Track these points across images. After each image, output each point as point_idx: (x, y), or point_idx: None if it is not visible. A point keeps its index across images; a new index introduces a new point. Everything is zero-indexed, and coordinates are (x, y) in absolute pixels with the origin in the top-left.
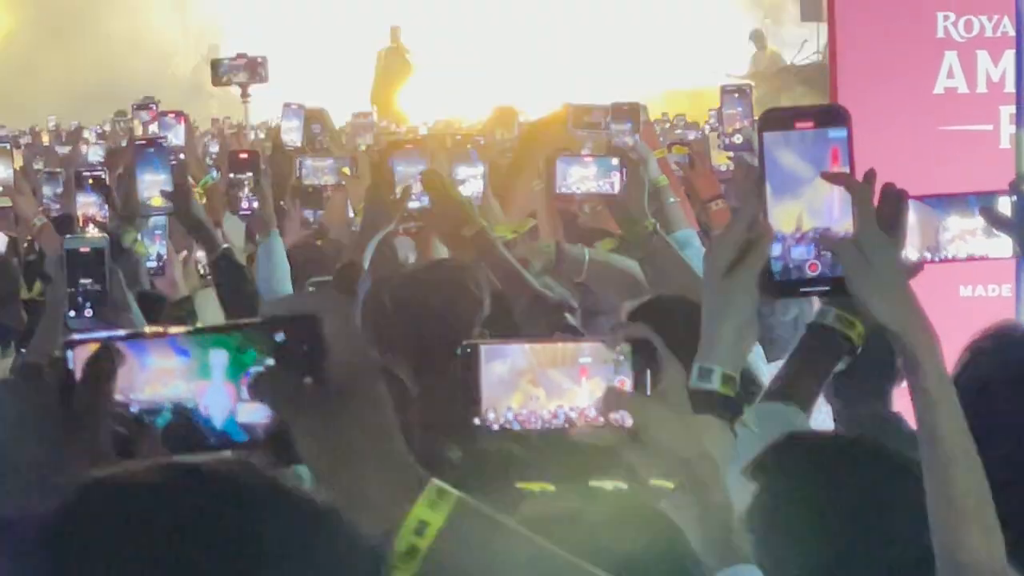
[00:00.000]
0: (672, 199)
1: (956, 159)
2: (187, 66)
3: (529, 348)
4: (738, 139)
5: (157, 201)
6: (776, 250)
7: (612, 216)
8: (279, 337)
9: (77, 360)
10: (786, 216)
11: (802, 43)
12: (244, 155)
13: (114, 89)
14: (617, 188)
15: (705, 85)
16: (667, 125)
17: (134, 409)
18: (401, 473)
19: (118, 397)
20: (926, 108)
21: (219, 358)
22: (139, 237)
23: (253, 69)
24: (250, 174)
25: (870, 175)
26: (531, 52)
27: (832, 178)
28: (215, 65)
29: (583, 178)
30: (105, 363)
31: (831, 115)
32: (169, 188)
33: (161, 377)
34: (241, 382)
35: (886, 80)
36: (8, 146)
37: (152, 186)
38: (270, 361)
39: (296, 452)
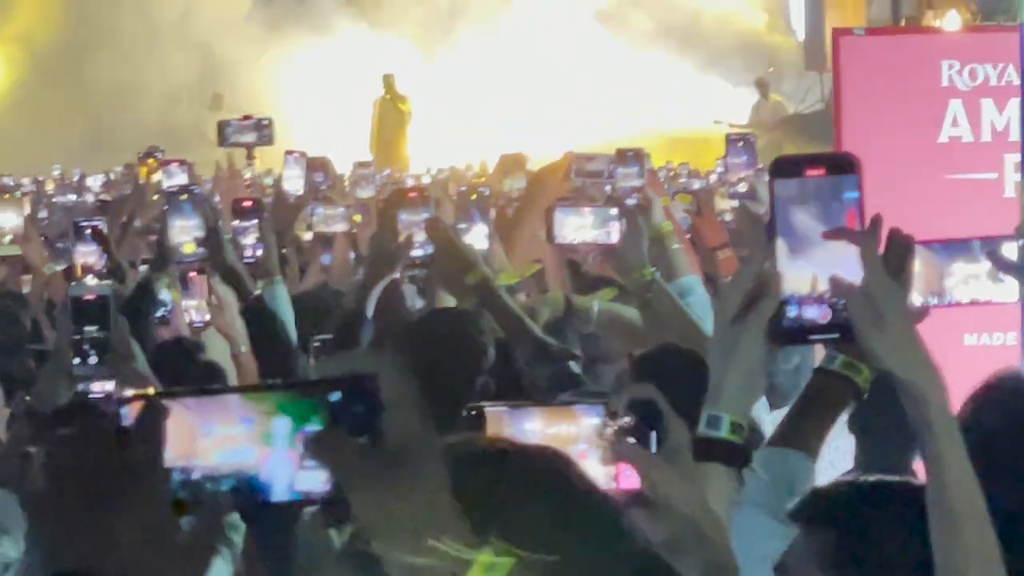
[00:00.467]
0: (675, 245)
1: (961, 207)
2: (191, 114)
3: (535, 422)
4: (742, 188)
5: (189, 248)
6: (784, 297)
7: (611, 265)
8: (334, 397)
9: (130, 416)
10: (795, 262)
11: (805, 92)
12: (247, 203)
13: (117, 136)
14: (615, 238)
15: (709, 133)
16: (671, 173)
17: (196, 476)
18: (455, 538)
19: (180, 463)
20: (931, 157)
21: (282, 425)
22: (174, 284)
23: (259, 131)
24: (255, 221)
25: (876, 221)
26: (533, 98)
27: (835, 233)
28: (221, 127)
29: (581, 227)
30: (159, 419)
31: (842, 162)
32: (201, 235)
33: (224, 444)
34: (298, 439)
35: (891, 129)
36: (19, 194)
37: (184, 233)
38: (326, 422)
39: (352, 512)
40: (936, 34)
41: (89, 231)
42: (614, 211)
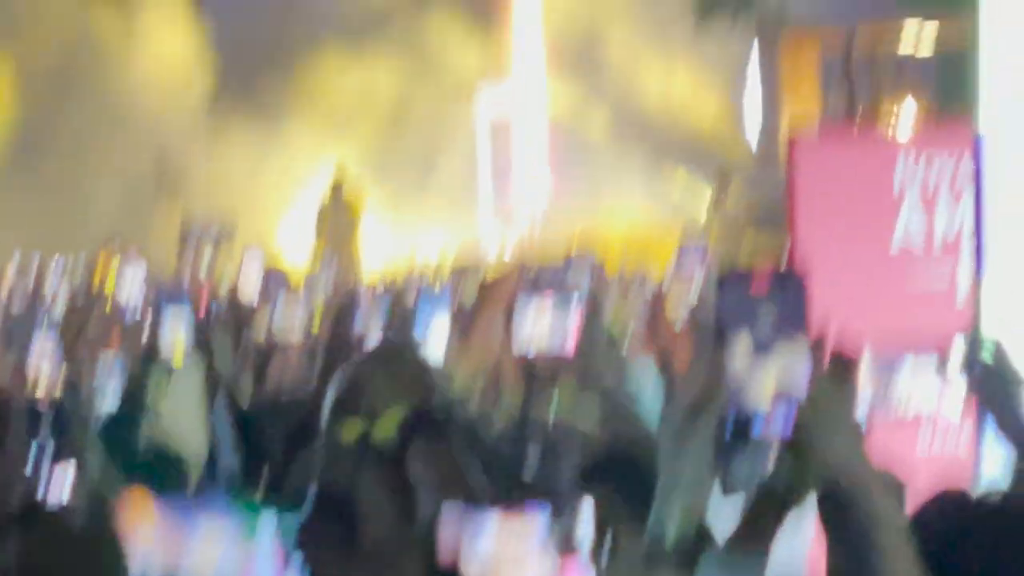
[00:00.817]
0: (625, 341)
1: (915, 315)
2: (148, 207)
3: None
4: (694, 296)
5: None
6: (733, 404)
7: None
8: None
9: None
10: (743, 368)
11: (762, 183)
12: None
13: (76, 231)
14: (570, 345)
15: (666, 234)
16: (625, 277)
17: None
18: None
19: (162, 563)
20: (884, 263)
21: (266, 520)
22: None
23: (221, 231)
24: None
25: (821, 332)
26: (483, 195)
27: (784, 340)
28: (184, 226)
29: (537, 337)
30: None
31: (789, 277)
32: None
33: (207, 542)
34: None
35: (844, 235)
36: None
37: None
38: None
39: None
40: (889, 140)
41: (45, 336)
42: (575, 295)
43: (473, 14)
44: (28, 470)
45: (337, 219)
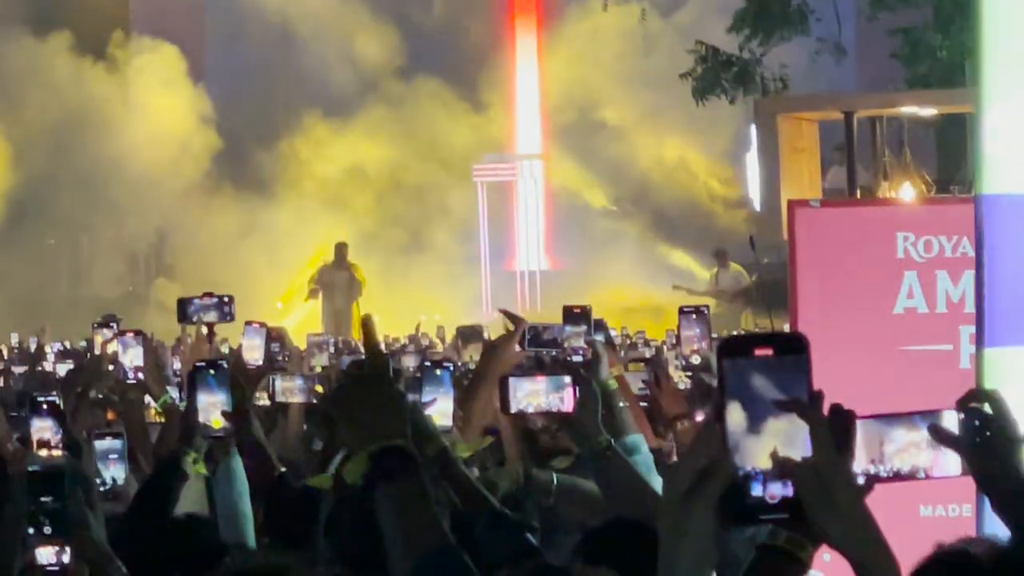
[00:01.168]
0: (622, 403)
1: (916, 379)
2: (147, 282)
3: None
4: (696, 360)
5: (216, 423)
6: (734, 477)
7: (566, 433)
8: None
9: None
10: (745, 441)
11: (763, 261)
12: (200, 363)
13: (75, 306)
14: (569, 405)
15: (667, 300)
16: (627, 341)
17: None
18: None
19: None
20: (886, 328)
21: None
22: (199, 459)
23: (220, 308)
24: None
25: (817, 396)
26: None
27: (783, 405)
28: (182, 304)
29: (534, 394)
30: None
31: (791, 342)
32: (229, 409)
33: None
34: None
35: (846, 300)
36: None
37: (211, 408)
38: None
39: None
40: (891, 206)
41: (45, 406)
42: (567, 379)
43: (475, 85)
44: (29, 533)
45: (339, 284)
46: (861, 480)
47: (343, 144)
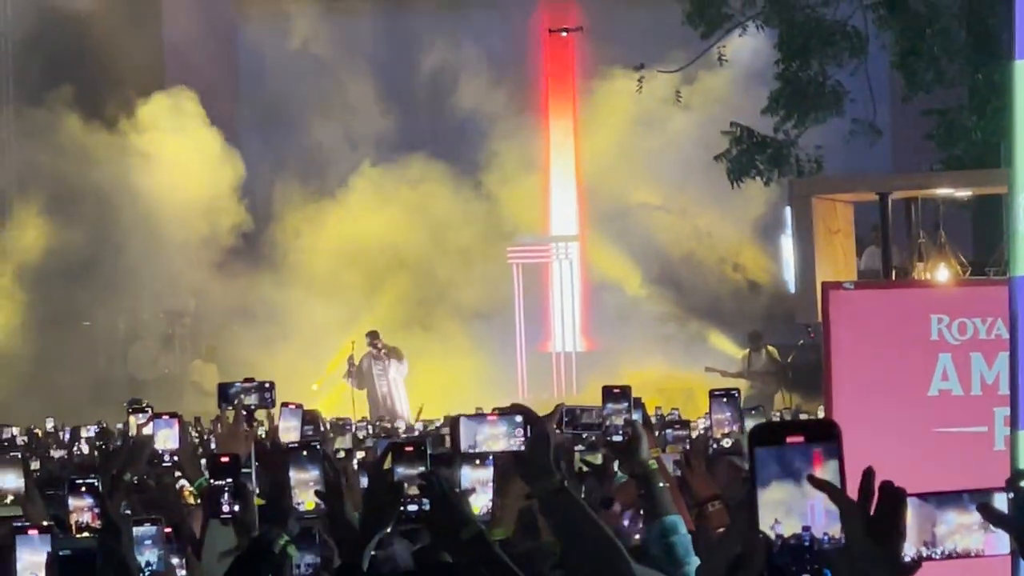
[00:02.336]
0: (661, 484)
1: (951, 461)
2: (183, 363)
3: None
4: (727, 443)
5: (310, 504)
6: (768, 561)
7: (518, 472)
8: None
9: None
10: (777, 528)
11: (799, 343)
12: (225, 459)
13: (111, 387)
14: (521, 444)
15: (701, 381)
16: (661, 421)
17: None
18: None
19: None
20: (921, 410)
21: None
22: (290, 541)
23: (261, 393)
24: (230, 480)
25: (869, 473)
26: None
27: (818, 484)
28: (223, 388)
29: (492, 436)
30: None
31: (822, 430)
32: (323, 489)
33: None
34: None
35: (881, 382)
36: (20, 455)
37: (304, 489)
38: None
39: None
40: (924, 288)
41: (83, 487)
42: (519, 418)
43: (511, 166)
44: None
45: (372, 366)
46: (909, 558)
47: (378, 223)
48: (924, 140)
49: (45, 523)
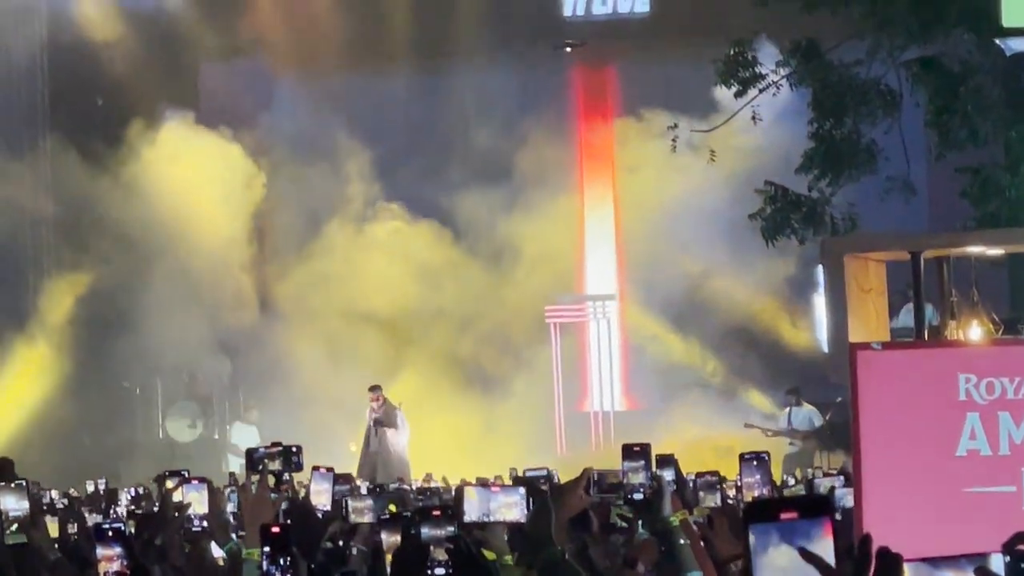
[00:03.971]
0: (683, 540)
1: (979, 521)
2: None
3: None
4: None
5: None
6: None
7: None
8: None
9: None
10: None
11: (836, 400)
12: (276, 530)
13: (147, 447)
14: (523, 516)
15: (740, 439)
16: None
17: None
18: None
19: None
20: (949, 470)
21: None
22: None
23: (288, 458)
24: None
25: (866, 539)
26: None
27: (808, 557)
28: (250, 454)
29: (494, 507)
30: None
31: (815, 505)
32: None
33: None
34: None
35: (909, 441)
36: (24, 483)
37: None
38: None
39: None
40: (953, 348)
41: (110, 532)
42: (522, 490)
43: (547, 224)
44: None
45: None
46: None
47: (415, 277)
48: (958, 198)
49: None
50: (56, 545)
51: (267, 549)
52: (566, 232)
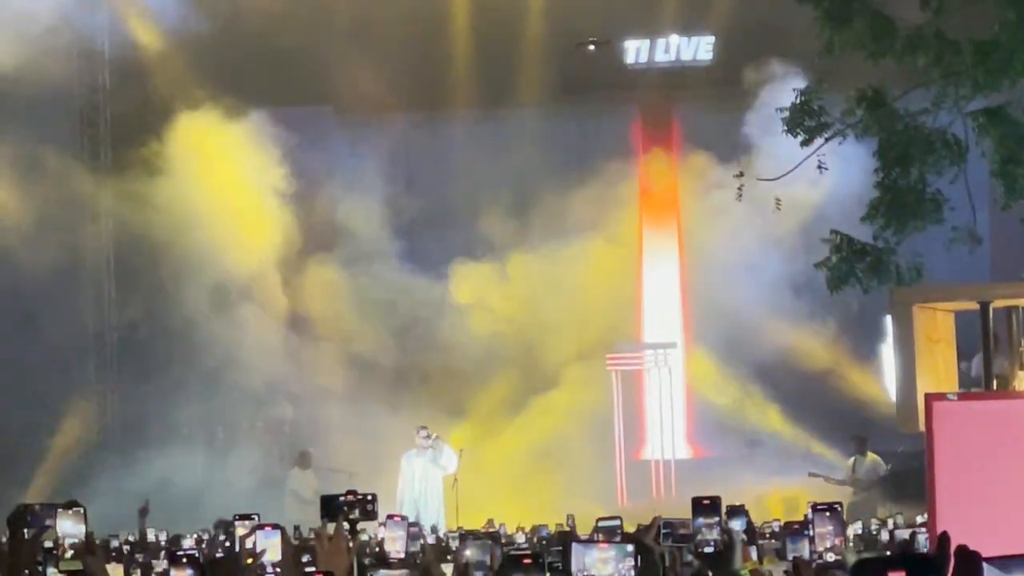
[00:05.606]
0: None
1: None
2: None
3: None
4: (830, 557)
5: None
6: None
7: None
8: None
9: None
10: None
11: (898, 450)
12: None
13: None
14: (631, 573)
15: (805, 488)
16: (765, 530)
17: None
18: None
19: None
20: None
21: None
22: None
23: (364, 507)
24: None
25: (944, 537)
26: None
27: None
28: (326, 501)
29: (601, 562)
30: None
31: (925, 563)
32: None
33: None
34: None
35: (984, 493)
36: (82, 510)
37: None
38: None
39: None
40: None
41: (184, 559)
42: (630, 547)
43: (608, 272)
44: None
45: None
46: None
47: (476, 329)
48: (1022, 248)
49: None
50: None
51: None
52: (626, 280)
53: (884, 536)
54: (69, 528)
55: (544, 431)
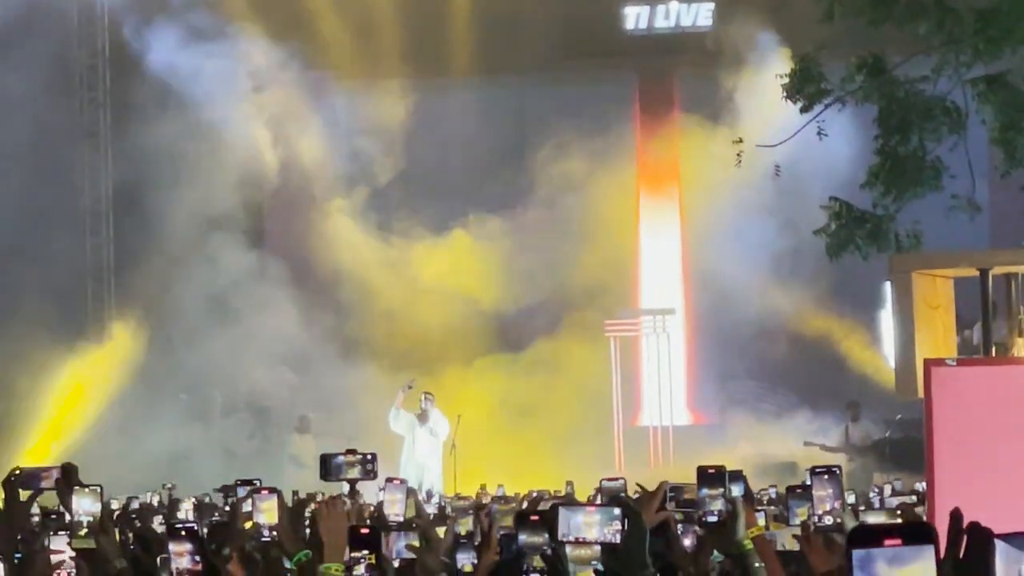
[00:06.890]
0: (757, 564)
1: None
2: (279, 434)
3: None
4: (828, 520)
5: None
6: None
7: (613, 565)
8: None
9: None
10: None
11: (896, 418)
12: (365, 531)
13: (211, 458)
14: (618, 536)
15: (799, 456)
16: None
17: None
18: None
19: None
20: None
21: None
22: None
23: (364, 466)
24: (366, 552)
25: (956, 515)
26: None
27: None
28: (325, 460)
29: (587, 525)
30: None
31: (919, 532)
32: None
33: None
34: None
35: (982, 458)
36: (99, 488)
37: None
38: None
39: None
40: None
41: (183, 532)
42: (617, 511)
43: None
44: None
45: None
46: None
47: (474, 298)
48: (1022, 215)
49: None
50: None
51: (364, 552)
52: (625, 246)
53: (878, 503)
54: (87, 506)
55: (541, 398)
